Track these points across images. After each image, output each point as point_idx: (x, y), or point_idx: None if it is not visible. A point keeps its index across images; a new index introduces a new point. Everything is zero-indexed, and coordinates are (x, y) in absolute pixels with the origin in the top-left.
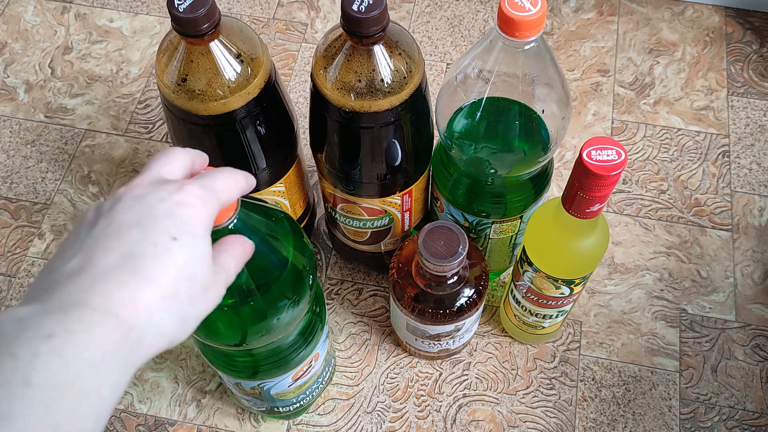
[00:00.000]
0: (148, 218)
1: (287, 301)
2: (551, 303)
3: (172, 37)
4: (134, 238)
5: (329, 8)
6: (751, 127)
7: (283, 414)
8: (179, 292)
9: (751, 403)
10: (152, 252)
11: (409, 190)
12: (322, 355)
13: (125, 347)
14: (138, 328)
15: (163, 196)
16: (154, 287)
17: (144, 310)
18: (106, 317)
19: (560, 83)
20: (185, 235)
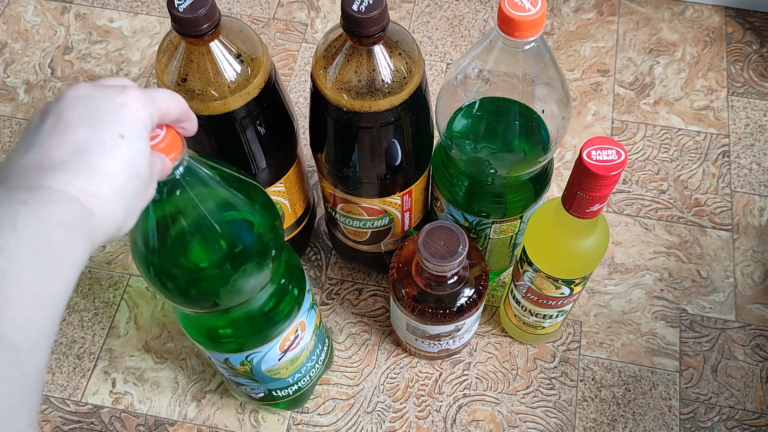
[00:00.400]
0: (94, 117)
1: (248, 260)
2: (551, 303)
3: (172, 37)
4: (83, 135)
5: (329, 8)
6: (751, 127)
7: (283, 400)
8: (127, 186)
9: (751, 403)
10: (101, 149)
11: (409, 190)
12: (309, 325)
13: (87, 225)
14: (95, 213)
15: (106, 97)
16: (106, 180)
17: (99, 199)
18: (68, 197)
19: (560, 83)
20: (131, 134)
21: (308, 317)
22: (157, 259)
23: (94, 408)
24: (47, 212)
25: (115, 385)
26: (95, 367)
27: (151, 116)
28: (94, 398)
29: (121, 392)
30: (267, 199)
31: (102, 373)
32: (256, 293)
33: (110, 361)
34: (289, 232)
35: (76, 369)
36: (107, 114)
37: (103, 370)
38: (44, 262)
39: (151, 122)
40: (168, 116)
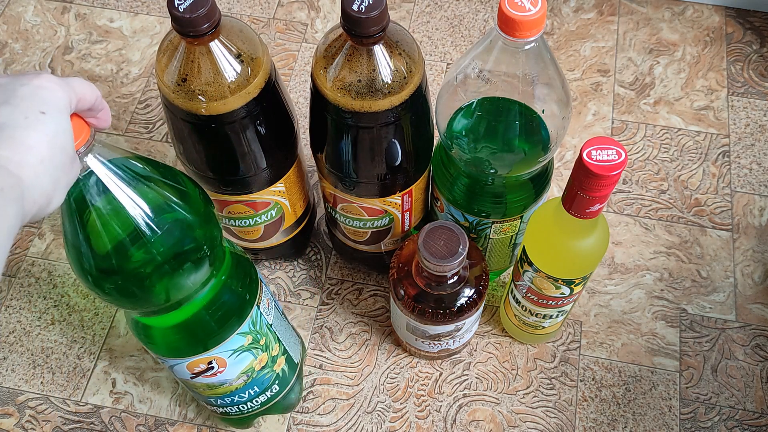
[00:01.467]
0: (13, 98)
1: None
2: (551, 303)
3: (172, 37)
4: (4, 113)
5: (329, 8)
6: (751, 127)
7: (219, 413)
8: (53, 158)
9: (751, 403)
10: (24, 123)
11: (409, 190)
12: (233, 364)
13: (16, 192)
14: (25, 182)
15: (23, 82)
16: (32, 152)
17: (28, 168)
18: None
19: (560, 83)
20: (52, 110)
21: (233, 357)
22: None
23: (94, 408)
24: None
25: (115, 385)
26: (95, 367)
27: (68, 97)
28: (94, 398)
29: (121, 392)
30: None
31: (102, 373)
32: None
33: (110, 361)
34: (289, 233)
35: (76, 369)
36: (26, 95)
37: (103, 370)
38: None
39: (69, 103)
40: (84, 102)
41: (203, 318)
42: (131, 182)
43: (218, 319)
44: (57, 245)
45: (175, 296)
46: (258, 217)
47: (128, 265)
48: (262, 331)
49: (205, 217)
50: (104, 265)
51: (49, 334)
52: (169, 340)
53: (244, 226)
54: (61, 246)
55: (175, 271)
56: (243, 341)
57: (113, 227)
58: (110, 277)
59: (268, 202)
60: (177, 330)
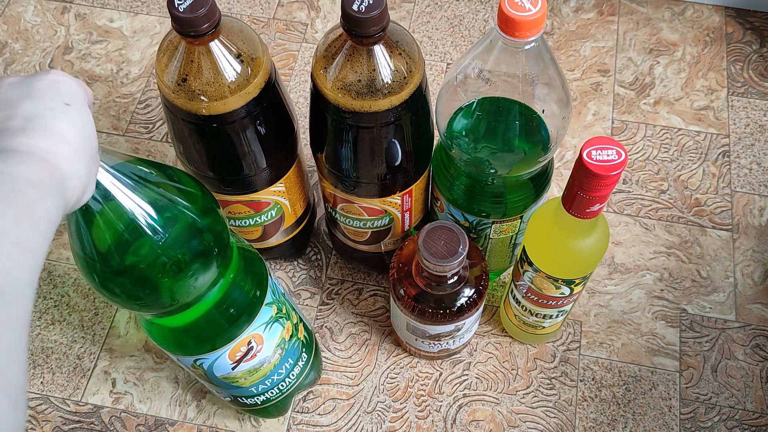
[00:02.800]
0: (33, 92)
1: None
2: (551, 303)
3: (172, 37)
4: (29, 106)
5: (329, 8)
6: (751, 127)
7: (249, 407)
8: (84, 148)
9: (751, 403)
10: (51, 114)
11: (409, 190)
12: (268, 339)
13: (57, 182)
14: (62, 171)
15: (38, 78)
16: (64, 141)
17: (63, 158)
18: (36, 158)
19: (560, 83)
20: (74, 102)
21: (268, 331)
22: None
23: (94, 408)
24: (16, 172)
25: (115, 385)
26: (95, 367)
27: (83, 89)
28: (94, 398)
29: (121, 392)
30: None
31: (102, 373)
32: (197, 296)
33: (110, 361)
34: (289, 232)
35: (76, 369)
36: (45, 89)
37: (103, 370)
38: (20, 215)
39: (85, 94)
40: (89, 96)
41: (233, 299)
42: (135, 187)
43: (246, 296)
44: (56, 245)
45: (192, 293)
46: (258, 217)
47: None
48: (282, 299)
49: (212, 216)
50: (114, 269)
51: (49, 334)
52: (204, 333)
53: (244, 226)
54: (61, 246)
55: (187, 270)
56: (271, 312)
57: (119, 232)
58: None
59: (268, 202)
60: (209, 320)
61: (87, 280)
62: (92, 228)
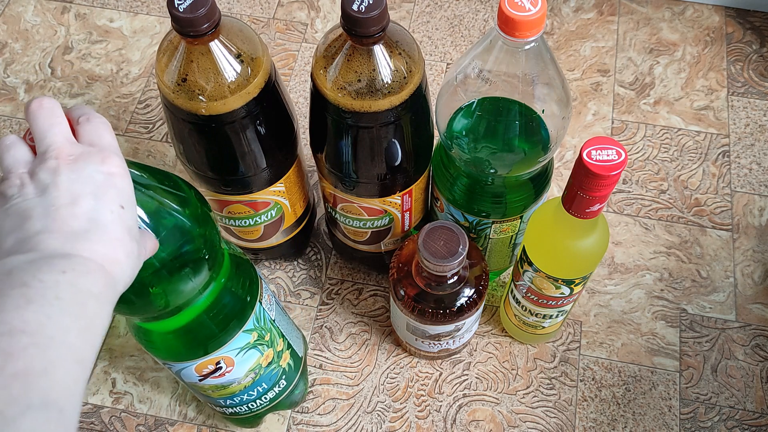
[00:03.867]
0: (95, 189)
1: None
2: (551, 303)
3: (172, 37)
4: (91, 206)
5: (329, 8)
6: (751, 127)
7: (228, 416)
8: (133, 250)
9: (751, 403)
10: (110, 218)
11: (409, 190)
12: (240, 363)
13: (110, 290)
14: (115, 277)
15: (96, 168)
16: (121, 246)
17: (117, 264)
18: (97, 266)
19: (560, 83)
20: (128, 203)
21: (242, 356)
22: None
23: (94, 408)
24: (82, 283)
25: (115, 385)
26: (95, 367)
27: (131, 180)
28: (94, 398)
29: (121, 392)
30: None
31: (102, 373)
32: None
33: (110, 361)
34: (289, 232)
35: None
36: (104, 185)
37: (103, 370)
38: (83, 329)
39: (133, 189)
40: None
41: (206, 320)
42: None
43: (222, 319)
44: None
45: (175, 301)
46: (258, 217)
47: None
48: (266, 327)
49: (203, 220)
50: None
51: None
52: (174, 344)
53: (244, 226)
54: None
55: (174, 275)
56: (248, 338)
57: None
58: None
59: (268, 202)
60: (181, 333)
61: None
62: None
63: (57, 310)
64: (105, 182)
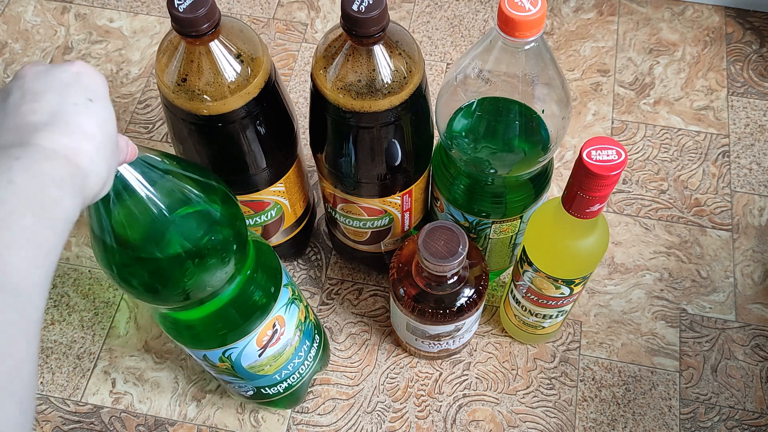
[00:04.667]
0: (59, 85)
1: (211, 258)
2: (551, 303)
3: (172, 37)
4: (54, 100)
5: (329, 8)
6: (751, 127)
7: (275, 399)
8: (105, 145)
9: (751, 403)
10: (74, 110)
11: (409, 190)
12: (289, 320)
13: (76, 180)
14: (83, 168)
15: (63, 69)
16: (87, 138)
17: (85, 155)
18: (58, 154)
19: (560, 83)
20: (98, 98)
21: (288, 312)
22: (118, 259)
23: (94, 408)
24: (38, 168)
25: (115, 385)
26: (95, 367)
27: (105, 82)
28: (94, 398)
29: (121, 392)
30: (226, 193)
31: (102, 373)
32: (221, 286)
33: (110, 361)
34: (289, 232)
35: (76, 369)
36: (69, 82)
37: (103, 370)
38: (39, 213)
39: (107, 87)
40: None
41: (258, 282)
42: (158, 178)
43: (269, 276)
44: None
45: (217, 282)
46: (258, 217)
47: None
48: (291, 281)
49: (232, 207)
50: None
51: (49, 334)
52: (234, 318)
53: None
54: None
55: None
56: (288, 293)
57: (140, 222)
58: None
59: (268, 202)
60: (239, 303)
61: (104, 270)
62: (112, 217)
63: (10, 193)
64: (70, 80)
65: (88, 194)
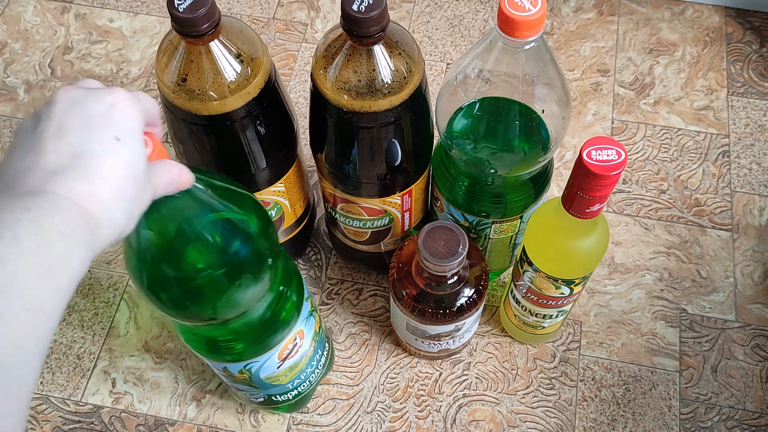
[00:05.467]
0: (88, 120)
1: (246, 276)
2: (551, 303)
3: (172, 37)
4: (79, 139)
5: (329, 8)
6: (751, 127)
7: (283, 404)
8: (126, 190)
9: (751, 403)
10: (99, 151)
11: (409, 190)
12: (307, 333)
13: (88, 232)
14: (97, 218)
15: (98, 99)
16: (106, 183)
17: (101, 203)
18: (71, 204)
19: (560, 83)
20: (126, 136)
21: (307, 324)
22: (151, 272)
23: (94, 408)
24: (49, 221)
25: (115, 385)
26: (95, 367)
27: (140, 115)
28: (94, 398)
29: (121, 392)
30: (259, 206)
31: (102, 373)
32: (254, 304)
33: (110, 361)
34: (289, 232)
35: (76, 369)
36: (101, 116)
37: (103, 370)
38: (42, 274)
39: (142, 122)
40: (150, 116)
41: (286, 299)
42: (201, 197)
43: (295, 288)
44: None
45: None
46: None
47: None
48: (310, 294)
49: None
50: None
51: None
52: (262, 334)
53: None
54: None
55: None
56: (308, 306)
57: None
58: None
59: (268, 202)
60: (269, 319)
61: (134, 279)
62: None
63: (13, 251)
64: (101, 114)
65: (100, 245)
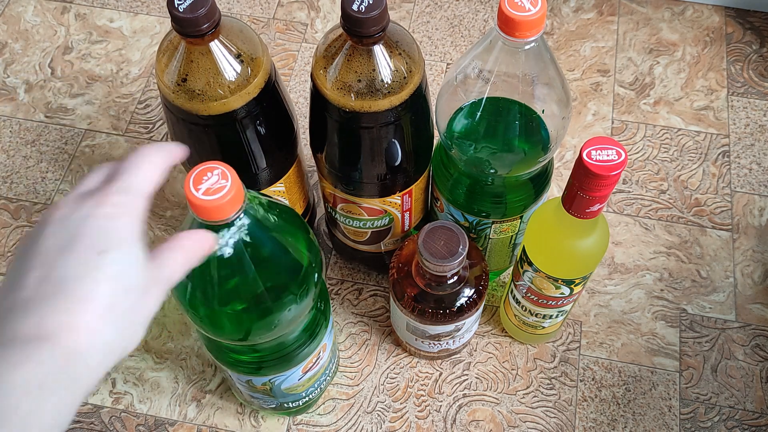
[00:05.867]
0: (70, 240)
1: (293, 298)
2: (551, 303)
3: (172, 37)
4: (61, 263)
5: (329, 8)
6: (751, 127)
7: (292, 409)
8: (116, 304)
9: (751, 403)
10: (82, 271)
11: (409, 190)
12: (329, 345)
13: (70, 372)
14: (81, 350)
15: (86, 213)
16: (89, 306)
17: (84, 330)
18: (43, 346)
19: (560, 83)
20: (111, 247)
21: (329, 337)
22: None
23: (94, 408)
24: (13, 378)
25: (115, 385)
26: None
27: (138, 215)
28: (94, 398)
29: (121, 392)
30: (303, 223)
31: None
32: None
33: None
34: None
35: None
36: (84, 232)
37: None
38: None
39: (139, 221)
40: (155, 186)
41: (319, 314)
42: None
43: (324, 310)
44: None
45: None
46: None
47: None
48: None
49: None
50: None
51: None
52: (291, 354)
53: None
54: None
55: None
56: (332, 320)
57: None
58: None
59: None
60: (298, 339)
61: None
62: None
63: None
64: (85, 229)
65: (92, 377)
